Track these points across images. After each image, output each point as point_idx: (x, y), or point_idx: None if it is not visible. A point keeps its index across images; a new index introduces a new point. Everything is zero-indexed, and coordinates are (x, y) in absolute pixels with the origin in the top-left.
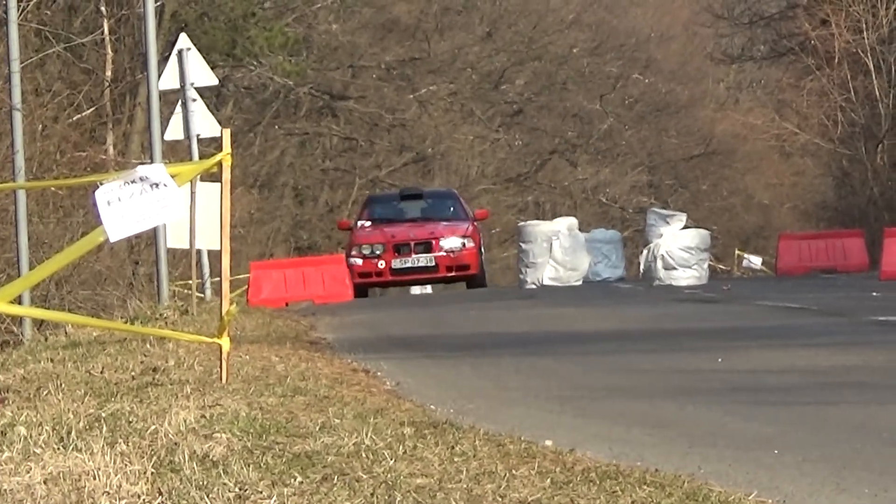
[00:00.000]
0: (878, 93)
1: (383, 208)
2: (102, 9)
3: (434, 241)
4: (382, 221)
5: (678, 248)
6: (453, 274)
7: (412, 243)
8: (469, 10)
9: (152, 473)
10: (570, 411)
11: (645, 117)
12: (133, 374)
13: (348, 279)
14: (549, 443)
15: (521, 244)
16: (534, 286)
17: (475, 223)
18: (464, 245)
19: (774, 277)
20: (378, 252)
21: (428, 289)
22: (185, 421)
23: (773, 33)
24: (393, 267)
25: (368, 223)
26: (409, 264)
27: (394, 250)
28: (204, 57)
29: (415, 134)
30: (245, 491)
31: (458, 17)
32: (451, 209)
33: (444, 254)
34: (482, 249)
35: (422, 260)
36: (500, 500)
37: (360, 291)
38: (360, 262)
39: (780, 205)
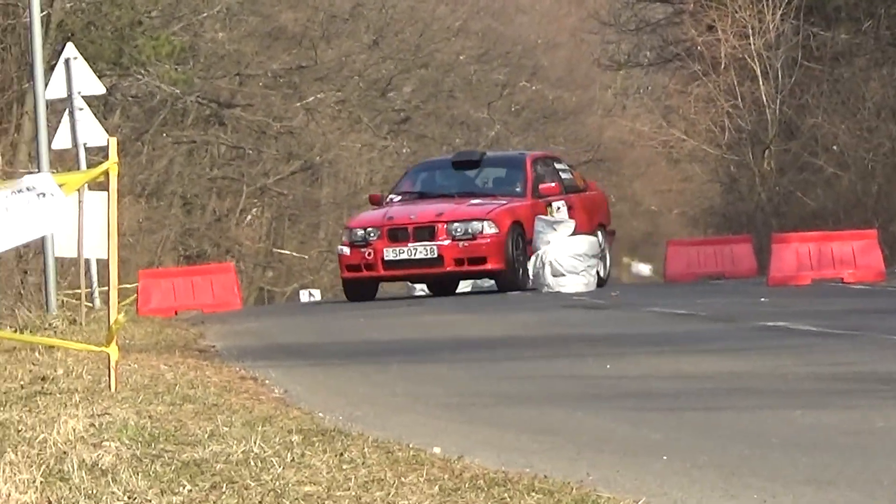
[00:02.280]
0: (764, 98)
1: (427, 179)
2: None
3: (439, 225)
4: (418, 197)
5: (566, 254)
6: (465, 269)
7: (410, 227)
8: (355, 18)
9: (41, 482)
10: (459, 418)
11: (532, 124)
12: (21, 383)
13: (237, 287)
14: (437, 450)
15: None
16: (423, 293)
17: (539, 201)
18: (480, 230)
19: (663, 284)
20: (371, 238)
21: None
22: (73, 430)
23: (659, 39)
24: (385, 258)
25: (399, 198)
26: (404, 255)
27: (388, 236)
28: (91, 66)
29: (302, 142)
30: (134, 499)
31: (344, 25)
32: (512, 182)
33: (451, 241)
34: (518, 238)
35: (420, 250)
36: None
37: (353, 289)
38: (347, 251)
39: (668, 211)
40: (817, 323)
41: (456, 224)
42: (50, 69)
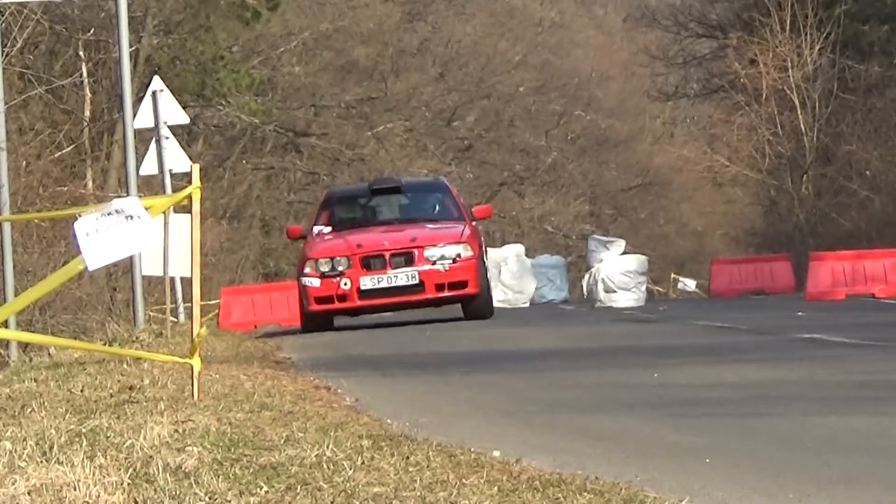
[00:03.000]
0: (802, 127)
1: (348, 207)
2: (81, 53)
3: (417, 251)
4: (348, 225)
5: (618, 272)
6: (445, 294)
7: (387, 254)
8: (423, 53)
9: (128, 484)
10: (517, 424)
11: (587, 151)
12: (111, 392)
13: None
14: (496, 453)
15: None
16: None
17: (473, 224)
18: (459, 255)
19: (707, 299)
20: (341, 268)
21: None
22: (159, 435)
23: (705, 72)
24: (361, 287)
25: (328, 229)
26: (383, 283)
27: (362, 265)
28: (176, 97)
29: (373, 168)
30: (215, 500)
31: (412, 59)
32: (440, 206)
33: (432, 267)
34: (485, 260)
35: (401, 277)
36: None
37: (317, 322)
38: (316, 282)
39: (713, 231)
40: (850, 335)
41: (434, 249)
42: (138, 101)
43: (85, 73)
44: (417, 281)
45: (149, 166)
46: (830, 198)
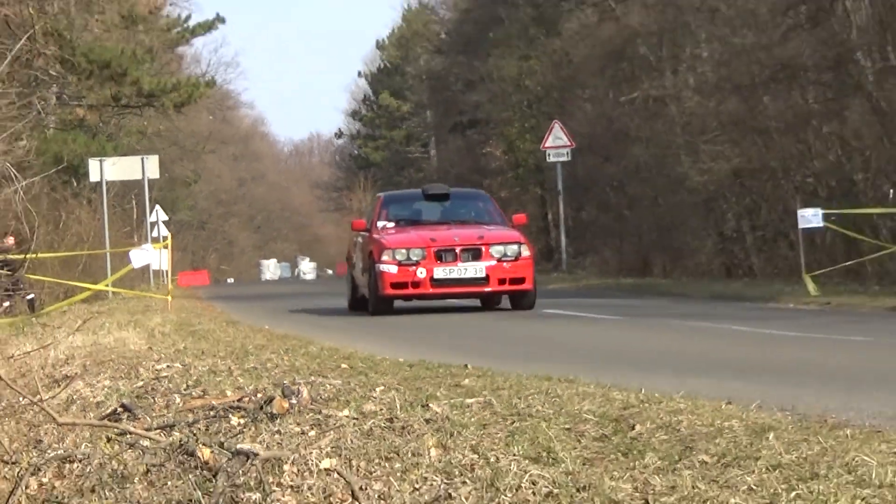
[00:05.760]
0: None
1: (404, 208)
2: (133, 195)
3: (485, 247)
4: (407, 223)
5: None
6: (506, 288)
7: (458, 248)
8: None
9: (146, 339)
10: (284, 318)
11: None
12: (141, 308)
13: (208, 277)
14: (266, 326)
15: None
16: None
17: (516, 228)
18: (520, 254)
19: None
20: (415, 258)
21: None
22: (156, 322)
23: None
24: (435, 277)
25: (391, 224)
26: (454, 274)
27: (436, 257)
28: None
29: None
30: (175, 344)
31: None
32: (484, 212)
33: (497, 262)
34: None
35: (470, 270)
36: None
37: (385, 306)
38: (394, 269)
39: None
40: None
41: (499, 247)
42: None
43: (135, 205)
44: (484, 275)
45: (154, 234)
46: None
